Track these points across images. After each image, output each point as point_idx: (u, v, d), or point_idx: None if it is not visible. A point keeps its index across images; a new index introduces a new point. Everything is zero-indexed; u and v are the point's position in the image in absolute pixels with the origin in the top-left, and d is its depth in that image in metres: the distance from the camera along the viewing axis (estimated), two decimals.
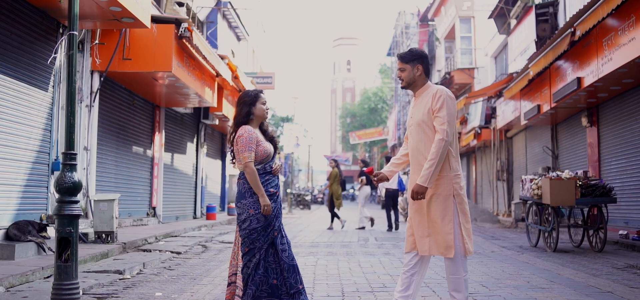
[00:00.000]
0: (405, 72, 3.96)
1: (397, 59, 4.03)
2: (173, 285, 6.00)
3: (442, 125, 3.73)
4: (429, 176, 3.70)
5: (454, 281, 3.81)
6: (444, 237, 3.77)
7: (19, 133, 8.25)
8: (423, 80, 3.94)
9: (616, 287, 5.62)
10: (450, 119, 3.74)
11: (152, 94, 12.99)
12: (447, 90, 3.87)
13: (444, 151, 3.71)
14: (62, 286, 4.26)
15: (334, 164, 15.11)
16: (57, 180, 4.38)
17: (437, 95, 3.80)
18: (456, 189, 3.82)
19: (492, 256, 8.49)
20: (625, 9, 9.28)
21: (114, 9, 8.24)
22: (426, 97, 3.87)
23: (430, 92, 3.87)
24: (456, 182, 3.83)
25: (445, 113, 3.74)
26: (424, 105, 3.86)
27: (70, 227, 4.32)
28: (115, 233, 8.88)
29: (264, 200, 4.00)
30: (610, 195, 8.86)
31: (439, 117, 3.76)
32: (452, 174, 3.81)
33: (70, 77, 4.51)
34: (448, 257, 3.77)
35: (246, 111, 4.17)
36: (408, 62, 3.94)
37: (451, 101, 3.79)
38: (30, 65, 8.49)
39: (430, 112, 3.82)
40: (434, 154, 3.70)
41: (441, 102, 3.76)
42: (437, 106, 3.77)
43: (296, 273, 4.10)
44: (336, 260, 7.93)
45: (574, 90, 11.65)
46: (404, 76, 3.96)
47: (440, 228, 3.78)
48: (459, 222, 3.83)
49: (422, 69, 3.93)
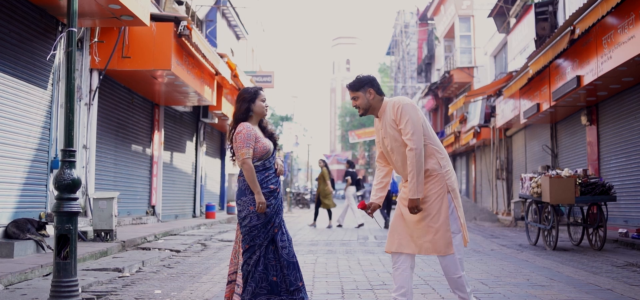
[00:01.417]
0: (359, 99, 3.98)
1: (348, 89, 4.05)
2: (172, 283, 5.99)
3: (408, 135, 3.74)
4: (416, 188, 3.74)
5: (455, 281, 3.80)
6: (443, 235, 3.76)
7: (18, 131, 8.24)
8: (378, 100, 3.97)
9: (616, 285, 5.62)
10: (415, 126, 3.74)
11: (151, 93, 12.98)
12: (403, 99, 3.87)
13: (419, 159, 3.72)
14: (61, 283, 4.24)
15: (323, 164, 15.31)
16: (56, 177, 4.37)
17: (396, 107, 3.82)
18: (450, 185, 3.83)
19: (492, 254, 8.48)
20: (624, 7, 9.27)
21: (113, 6, 8.23)
22: (387, 113, 3.90)
23: (389, 107, 3.90)
24: (448, 178, 3.84)
25: (407, 121, 3.75)
26: (390, 122, 3.88)
27: (69, 224, 4.30)
28: (114, 231, 8.86)
29: (259, 198, 3.99)
30: (609, 193, 8.85)
31: (403, 129, 3.79)
32: (443, 171, 3.82)
33: (69, 74, 4.50)
34: (449, 254, 3.76)
35: (245, 108, 4.16)
36: (358, 89, 3.97)
37: (410, 107, 3.79)
38: (30, 63, 8.47)
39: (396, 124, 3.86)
40: (411, 165, 3.74)
41: (400, 112, 3.78)
42: (399, 118, 3.80)
43: (296, 270, 4.08)
44: (336, 259, 7.92)
45: (574, 88, 11.64)
46: (359, 104, 3.98)
47: (438, 227, 3.78)
48: (458, 216, 3.85)
49: (374, 91, 3.95)
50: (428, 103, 32.71)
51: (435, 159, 3.83)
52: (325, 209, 14.65)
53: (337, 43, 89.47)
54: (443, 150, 3.90)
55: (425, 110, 34.81)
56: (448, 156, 3.94)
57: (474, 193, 25.10)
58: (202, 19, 18.62)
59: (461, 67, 25.10)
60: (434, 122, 32.74)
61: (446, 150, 4.29)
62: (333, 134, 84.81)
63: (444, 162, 3.84)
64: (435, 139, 3.90)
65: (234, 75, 15.19)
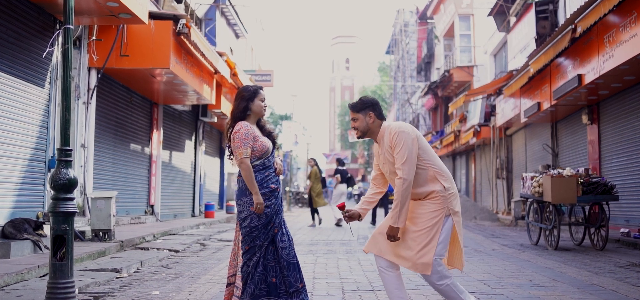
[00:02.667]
0: (358, 121, 3.92)
1: (349, 109, 4.00)
2: (171, 283, 5.92)
3: (399, 164, 3.68)
4: (397, 217, 3.67)
5: (443, 290, 3.71)
6: (424, 255, 3.67)
7: (15, 130, 8.16)
8: (378, 125, 3.91)
9: (620, 286, 5.55)
10: (408, 156, 3.67)
11: (150, 91, 12.90)
12: (402, 126, 3.80)
13: (406, 190, 3.65)
14: (57, 285, 4.17)
15: (313, 163, 15.38)
16: (52, 177, 4.29)
17: (392, 133, 3.77)
18: (451, 208, 3.73)
19: (493, 254, 8.42)
20: (626, 5, 9.21)
21: (111, 4, 8.15)
22: (386, 139, 3.85)
23: (387, 132, 3.84)
24: (451, 201, 3.73)
25: (401, 149, 3.68)
26: (387, 148, 3.83)
27: (65, 225, 4.23)
28: (112, 231, 8.79)
29: (257, 198, 3.92)
30: (611, 192, 8.79)
31: (395, 156, 3.72)
32: (446, 193, 3.72)
33: (65, 72, 4.42)
34: (425, 274, 3.70)
35: (244, 106, 4.09)
36: (359, 111, 3.91)
37: (406, 135, 3.71)
38: (27, 61, 8.39)
39: None
40: (397, 194, 3.67)
41: (396, 139, 3.72)
42: (394, 144, 3.74)
43: (296, 271, 4.01)
44: (336, 259, 7.86)
45: (575, 87, 11.58)
46: (358, 126, 3.92)
47: (421, 245, 3.69)
48: (458, 240, 3.76)
49: (374, 115, 3.89)
50: (428, 102, 32.64)
51: (438, 182, 3.73)
52: (314, 207, 14.75)
53: (337, 42, 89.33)
54: (446, 173, 3.79)
55: (425, 110, 34.76)
56: (451, 177, 3.83)
57: (473, 192, 25.03)
58: (201, 18, 18.54)
59: (461, 66, 25.03)
60: (434, 121, 32.69)
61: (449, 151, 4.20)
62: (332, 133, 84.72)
63: (447, 184, 3.74)
64: (437, 162, 3.79)
65: (233, 74, 15.11)
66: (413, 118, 38.83)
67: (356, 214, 4.00)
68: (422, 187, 3.73)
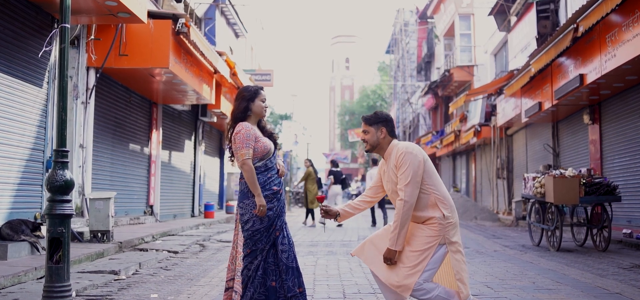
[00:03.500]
0: (368, 134, 3.88)
1: (362, 121, 3.96)
2: (169, 286, 5.85)
3: (402, 185, 3.62)
4: (395, 239, 3.61)
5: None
6: (405, 276, 3.60)
7: (12, 130, 8.09)
8: (388, 142, 3.86)
9: (625, 288, 5.48)
10: (412, 177, 3.61)
11: (149, 91, 12.83)
12: (410, 146, 3.74)
13: (407, 212, 3.60)
14: (54, 288, 4.11)
15: (309, 164, 15.38)
16: (48, 179, 4.23)
17: (399, 153, 3.71)
18: (448, 238, 3.65)
19: (495, 256, 8.35)
20: (629, 4, 9.14)
21: (110, 3, 8.07)
22: (392, 157, 3.79)
23: (394, 151, 3.79)
24: (448, 231, 3.65)
25: (406, 169, 3.62)
26: (392, 166, 3.77)
27: (61, 227, 4.16)
28: (111, 232, 8.71)
29: (260, 200, 3.84)
30: (614, 193, 8.72)
31: (399, 176, 3.67)
32: (445, 222, 3.64)
33: (62, 72, 4.35)
34: (403, 295, 3.65)
35: (244, 106, 4.02)
36: (372, 124, 3.87)
37: (413, 157, 3.65)
38: (25, 61, 8.32)
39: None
40: (397, 215, 3.61)
41: (402, 158, 3.67)
42: (400, 164, 3.68)
43: (295, 275, 3.93)
44: (336, 260, 7.79)
45: (577, 87, 11.51)
46: (368, 138, 3.88)
47: (406, 266, 3.62)
48: (455, 270, 3.65)
49: (386, 131, 3.85)
50: (428, 102, 32.57)
51: (438, 209, 3.66)
52: (310, 207, 14.76)
53: (337, 42, 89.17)
54: (448, 201, 3.71)
55: (425, 109, 34.69)
56: (454, 206, 3.75)
57: (474, 192, 24.97)
58: (200, 17, 18.46)
59: (461, 66, 24.96)
60: (434, 121, 32.62)
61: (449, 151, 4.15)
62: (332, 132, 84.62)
63: (448, 212, 3.66)
64: (441, 188, 3.72)
65: (233, 74, 15.04)
66: (413, 118, 38.78)
67: (333, 213, 3.97)
68: (421, 212, 3.68)
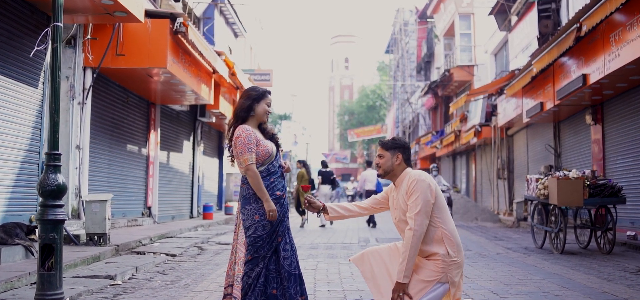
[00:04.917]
0: (383, 158, 3.78)
1: (378, 145, 3.87)
2: (166, 291, 5.71)
3: (412, 213, 3.51)
4: (404, 271, 3.50)
5: None
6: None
7: (7, 131, 7.94)
8: (402, 168, 3.76)
9: (633, 294, 5.35)
10: (423, 207, 3.50)
11: (147, 91, 12.68)
12: (422, 175, 3.63)
13: (416, 242, 3.49)
14: (45, 297, 3.97)
15: (301, 165, 15.36)
16: (40, 183, 4.09)
17: (411, 180, 3.62)
18: (451, 277, 3.53)
19: (498, 259, 8.21)
20: (633, 3, 9.02)
21: (106, 2, 7.92)
22: (404, 184, 3.69)
23: (406, 179, 3.69)
24: (452, 270, 3.53)
25: (416, 198, 3.52)
26: (403, 194, 3.67)
27: (54, 233, 4.02)
28: (107, 235, 8.57)
29: (269, 205, 3.71)
30: (619, 195, 8.59)
31: (410, 204, 3.56)
32: (449, 260, 3.53)
33: (54, 72, 4.21)
34: None
35: (248, 105, 3.89)
36: (389, 149, 3.78)
37: (425, 185, 3.55)
38: (20, 61, 8.17)
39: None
40: (406, 246, 3.50)
41: (414, 186, 3.57)
42: (411, 192, 3.58)
43: (297, 283, 3.80)
44: (337, 264, 7.65)
45: (579, 87, 11.38)
46: (382, 163, 3.78)
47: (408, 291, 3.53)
48: None
49: (402, 158, 3.75)
50: (427, 102, 32.44)
51: (444, 245, 3.55)
52: (302, 208, 14.72)
53: (336, 41, 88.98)
54: (455, 238, 3.59)
55: (425, 109, 34.57)
56: (461, 245, 3.63)
57: (474, 192, 24.85)
58: (199, 16, 18.31)
59: (461, 66, 24.84)
60: (434, 121, 32.49)
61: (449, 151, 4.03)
62: (332, 132, 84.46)
63: (453, 251, 3.54)
64: (449, 224, 3.61)
65: (232, 74, 14.90)
66: (413, 118, 38.65)
67: (317, 206, 3.89)
68: (426, 245, 3.57)
